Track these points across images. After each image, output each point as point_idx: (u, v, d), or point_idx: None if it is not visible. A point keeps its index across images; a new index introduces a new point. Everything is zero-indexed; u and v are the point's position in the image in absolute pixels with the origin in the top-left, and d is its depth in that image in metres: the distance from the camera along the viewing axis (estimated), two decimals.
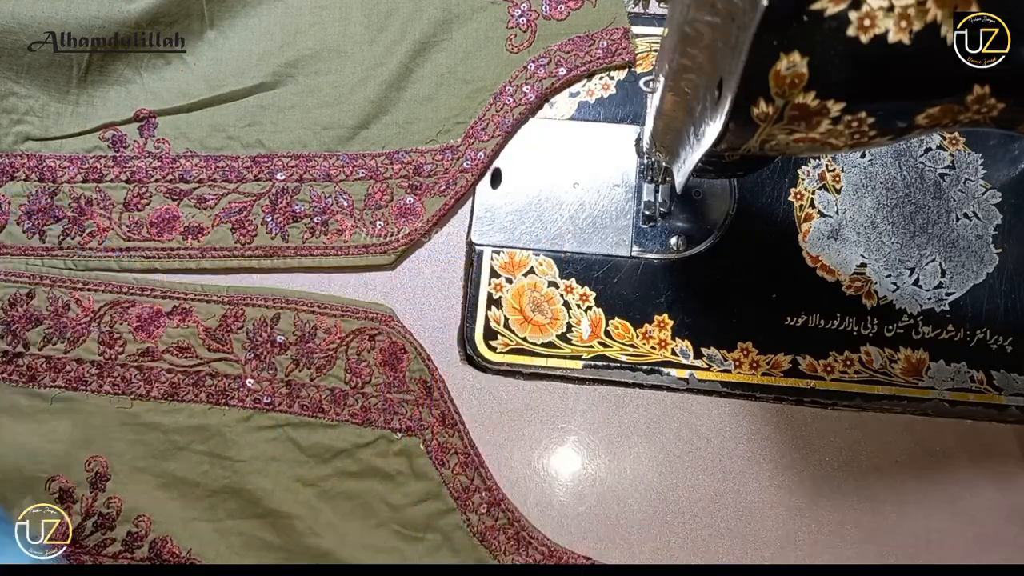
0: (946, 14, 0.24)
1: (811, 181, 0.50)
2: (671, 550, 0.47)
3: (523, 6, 0.53)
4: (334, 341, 0.50)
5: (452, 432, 0.49)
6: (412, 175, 0.52)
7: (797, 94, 0.25)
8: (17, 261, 0.52)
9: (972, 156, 0.49)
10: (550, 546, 0.47)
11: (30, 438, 0.49)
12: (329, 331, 0.50)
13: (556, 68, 0.52)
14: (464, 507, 0.48)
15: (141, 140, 0.53)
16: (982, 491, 0.47)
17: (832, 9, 0.23)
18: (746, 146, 0.28)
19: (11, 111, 0.54)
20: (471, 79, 0.53)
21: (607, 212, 0.50)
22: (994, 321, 0.47)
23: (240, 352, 0.50)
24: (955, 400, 0.46)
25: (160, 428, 0.49)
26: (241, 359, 0.50)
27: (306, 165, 0.52)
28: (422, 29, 0.53)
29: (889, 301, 0.48)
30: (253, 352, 0.50)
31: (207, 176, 0.53)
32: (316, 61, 0.54)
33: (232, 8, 0.54)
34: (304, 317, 0.50)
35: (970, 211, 0.49)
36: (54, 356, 0.50)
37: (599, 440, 0.49)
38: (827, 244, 0.49)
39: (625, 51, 0.52)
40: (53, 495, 0.49)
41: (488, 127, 0.52)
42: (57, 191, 0.53)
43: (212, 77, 0.54)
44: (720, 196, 0.50)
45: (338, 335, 0.50)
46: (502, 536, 0.47)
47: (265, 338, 0.50)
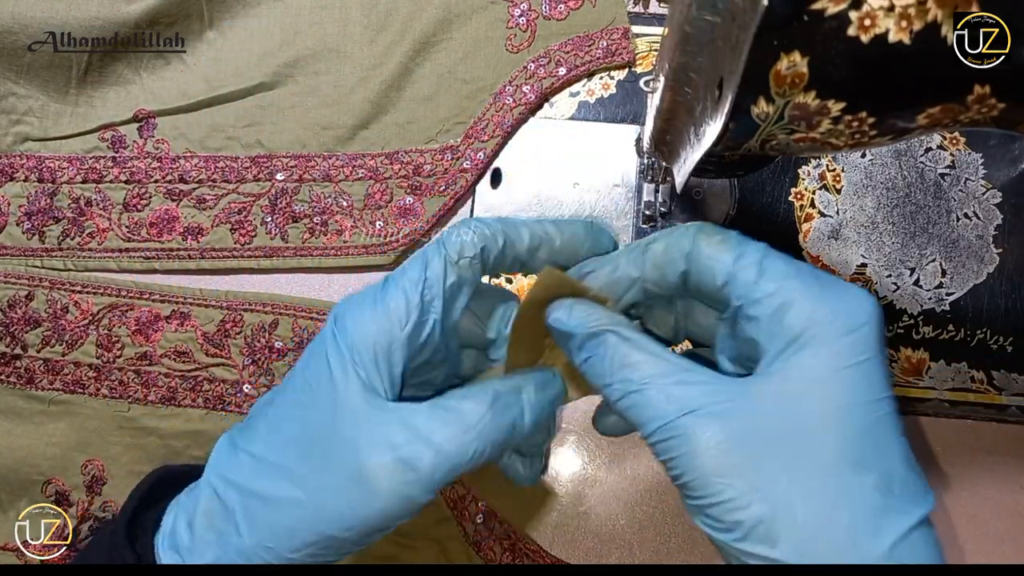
0: (946, 14, 0.24)
1: (811, 181, 0.50)
2: (671, 550, 0.47)
3: (523, 6, 0.53)
4: None
5: None
6: (412, 175, 0.52)
7: (797, 94, 0.25)
8: (17, 262, 0.52)
9: (972, 156, 0.49)
10: (546, 557, 0.47)
11: (27, 440, 0.49)
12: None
13: (556, 68, 0.52)
14: (460, 517, 0.48)
15: (141, 140, 0.53)
16: (982, 491, 0.47)
17: (832, 9, 0.23)
18: (746, 146, 0.28)
19: (10, 111, 0.54)
20: (471, 79, 0.53)
21: (607, 212, 0.50)
22: (994, 321, 0.47)
23: (238, 357, 0.50)
24: (955, 400, 0.46)
25: (157, 432, 0.49)
26: (239, 364, 0.50)
27: (305, 165, 0.52)
28: (422, 29, 0.53)
29: (889, 301, 0.48)
30: (251, 357, 0.50)
31: (207, 176, 0.52)
32: (316, 61, 0.54)
33: (232, 8, 0.54)
34: (302, 323, 0.50)
35: (970, 211, 0.49)
36: (52, 359, 0.50)
37: (599, 440, 0.49)
38: (827, 244, 0.49)
39: (625, 51, 0.52)
40: (49, 498, 0.49)
41: (488, 127, 0.52)
42: (56, 192, 0.53)
43: (212, 77, 0.54)
44: (720, 196, 0.50)
45: None
46: (498, 547, 0.47)
47: (263, 344, 0.50)
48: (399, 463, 0.25)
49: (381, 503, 0.25)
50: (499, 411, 0.26)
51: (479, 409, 0.26)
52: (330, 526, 0.25)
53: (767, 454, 0.22)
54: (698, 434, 0.22)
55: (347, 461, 0.25)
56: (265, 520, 0.26)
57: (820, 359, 0.22)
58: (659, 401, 0.24)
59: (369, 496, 0.25)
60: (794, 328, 0.22)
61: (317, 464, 0.26)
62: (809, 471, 0.21)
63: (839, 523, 0.21)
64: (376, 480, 0.24)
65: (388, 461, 0.25)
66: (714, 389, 0.23)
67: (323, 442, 0.26)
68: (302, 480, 0.26)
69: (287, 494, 0.26)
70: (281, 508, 0.26)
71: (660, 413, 0.23)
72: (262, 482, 0.26)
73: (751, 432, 0.22)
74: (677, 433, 0.23)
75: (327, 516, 0.25)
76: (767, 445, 0.22)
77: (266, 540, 0.26)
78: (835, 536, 0.21)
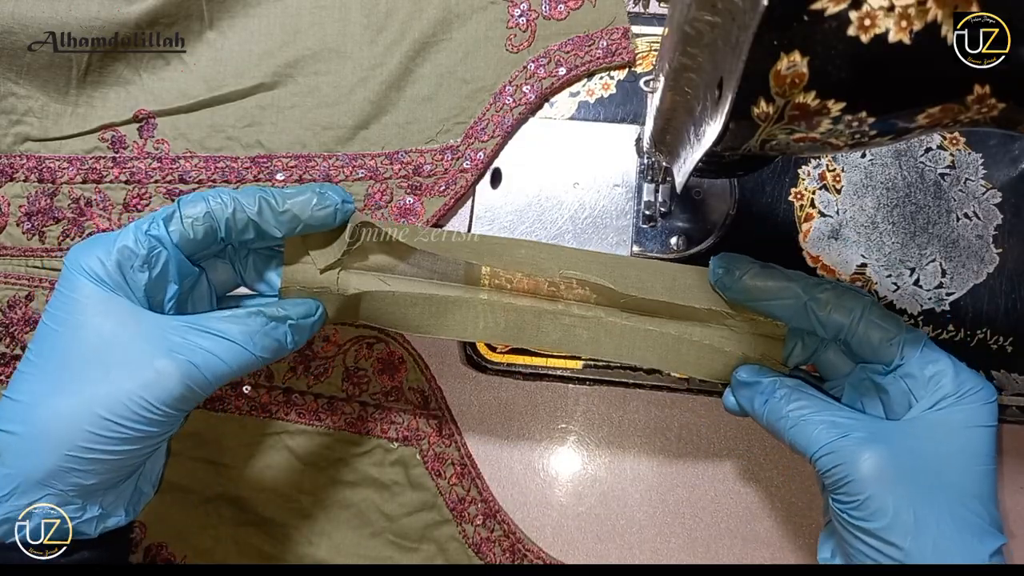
0: (946, 14, 0.24)
1: (811, 181, 0.50)
2: (671, 550, 0.47)
3: (523, 6, 0.53)
4: (332, 349, 0.50)
5: (449, 443, 0.49)
6: (412, 175, 0.52)
7: (797, 94, 0.25)
8: (17, 262, 0.52)
9: (972, 156, 0.49)
10: (545, 559, 0.47)
11: None
12: (327, 339, 0.50)
13: (556, 68, 0.52)
14: (460, 518, 0.48)
15: (140, 141, 0.53)
16: None
17: (832, 9, 0.23)
18: (746, 146, 0.28)
19: (10, 112, 0.54)
20: (471, 79, 0.53)
21: (607, 212, 0.50)
22: (994, 321, 0.47)
23: None
24: None
25: None
26: None
27: (305, 165, 0.52)
28: (422, 29, 0.53)
29: (889, 301, 0.48)
30: None
31: (207, 177, 0.52)
32: (315, 61, 0.54)
33: (232, 9, 0.54)
34: None
35: (970, 211, 0.49)
36: None
37: (599, 440, 0.49)
38: (827, 244, 0.49)
39: (625, 51, 0.52)
40: None
41: (488, 127, 0.52)
42: (56, 192, 0.53)
43: (211, 78, 0.54)
44: (720, 196, 0.50)
45: (336, 343, 0.50)
46: (497, 548, 0.47)
47: None
48: (188, 364, 0.31)
49: (171, 395, 0.31)
50: (268, 332, 0.35)
51: (250, 331, 0.34)
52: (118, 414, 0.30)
53: (914, 474, 0.29)
54: (858, 450, 0.30)
55: (137, 362, 0.31)
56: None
57: (964, 415, 0.31)
58: (827, 425, 0.32)
59: (161, 389, 0.31)
60: (947, 390, 0.32)
61: (96, 371, 0.31)
62: (945, 493, 0.30)
63: (957, 533, 0.30)
64: (167, 377, 0.31)
65: (179, 362, 0.31)
66: (871, 422, 0.33)
67: (100, 352, 0.31)
68: (81, 381, 0.31)
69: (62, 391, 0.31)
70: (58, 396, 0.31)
71: (826, 435, 0.32)
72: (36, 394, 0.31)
73: (905, 455, 0.30)
74: (842, 448, 0.31)
75: (110, 404, 0.30)
76: (915, 467, 0.30)
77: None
78: (952, 541, 0.29)
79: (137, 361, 0.31)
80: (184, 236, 0.34)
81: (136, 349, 0.31)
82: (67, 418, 0.30)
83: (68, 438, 0.30)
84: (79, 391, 0.30)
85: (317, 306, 0.38)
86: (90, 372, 0.31)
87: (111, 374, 0.30)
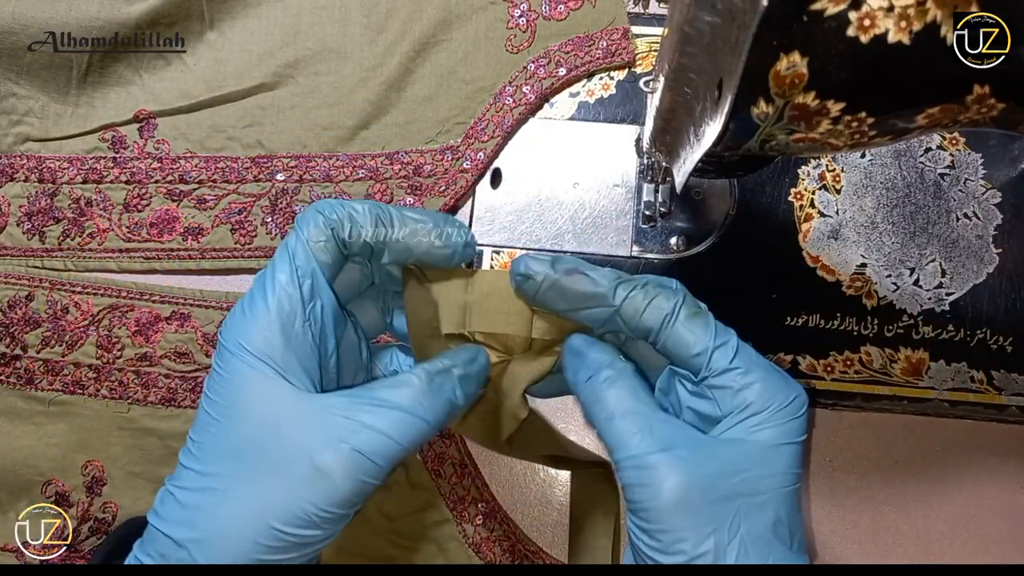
0: (946, 14, 0.24)
1: (811, 181, 0.50)
2: None
3: (523, 6, 0.53)
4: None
5: (449, 442, 0.49)
6: (412, 175, 0.52)
7: (797, 94, 0.25)
8: (17, 262, 0.52)
9: (972, 156, 0.49)
10: (545, 559, 0.47)
11: (27, 441, 0.49)
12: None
13: (556, 68, 0.52)
14: (460, 518, 0.48)
15: (141, 141, 0.53)
16: (982, 491, 0.47)
17: (832, 9, 0.23)
18: (746, 146, 0.28)
19: (11, 112, 0.54)
20: (471, 79, 0.53)
21: (607, 212, 0.50)
22: (994, 321, 0.47)
23: None
24: (955, 400, 0.46)
25: (156, 433, 0.49)
26: None
27: (306, 166, 0.52)
28: (422, 29, 0.53)
29: (889, 301, 0.48)
30: None
31: (207, 177, 0.53)
32: (316, 62, 0.54)
33: (232, 9, 0.54)
34: None
35: (970, 211, 0.49)
36: (52, 359, 0.50)
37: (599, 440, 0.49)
38: (827, 244, 0.49)
39: (625, 51, 0.52)
40: (49, 499, 0.49)
41: (488, 127, 0.52)
42: (57, 192, 0.53)
43: (212, 78, 0.54)
44: (720, 196, 0.50)
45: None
46: (497, 548, 0.47)
47: None
48: (353, 453, 0.27)
49: (339, 494, 0.27)
50: (435, 391, 0.29)
51: (416, 393, 0.28)
52: (287, 523, 0.26)
53: (718, 502, 0.27)
54: (666, 473, 0.27)
55: (299, 460, 0.27)
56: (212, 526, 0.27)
57: (770, 434, 0.29)
58: (642, 432, 0.29)
59: (329, 489, 0.27)
60: (756, 406, 0.29)
61: (263, 470, 0.27)
62: (749, 521, 0.27)
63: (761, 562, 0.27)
64: (332, 474, 0.27)
65: (343, 453, 0.27)
66: (685, 435, 0.29)
67: (263, 448, 0.27)
68: (247, 483, 0.27)
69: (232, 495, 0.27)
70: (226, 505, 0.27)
71: (637, 443, 0.29)
72: (202, 498, 0.27)
73: (710, 479, 0.27)
74: (650, 466, 0.28)
75: (279, 513, 0.26)
76: (720, 494, 0.27)
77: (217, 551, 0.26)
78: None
79: (300, 460, 0.27)
80: (326, 263, 0.29)
81: (299, 443, 0.27)
82: (238, 530, 0.26)
83: (240, 551, 0.26)
84: (246, 500, 0.27)
85: (479, 350, 0.32)
86: (256, 473, 0.27)
87: (277, 476, 0.27)
